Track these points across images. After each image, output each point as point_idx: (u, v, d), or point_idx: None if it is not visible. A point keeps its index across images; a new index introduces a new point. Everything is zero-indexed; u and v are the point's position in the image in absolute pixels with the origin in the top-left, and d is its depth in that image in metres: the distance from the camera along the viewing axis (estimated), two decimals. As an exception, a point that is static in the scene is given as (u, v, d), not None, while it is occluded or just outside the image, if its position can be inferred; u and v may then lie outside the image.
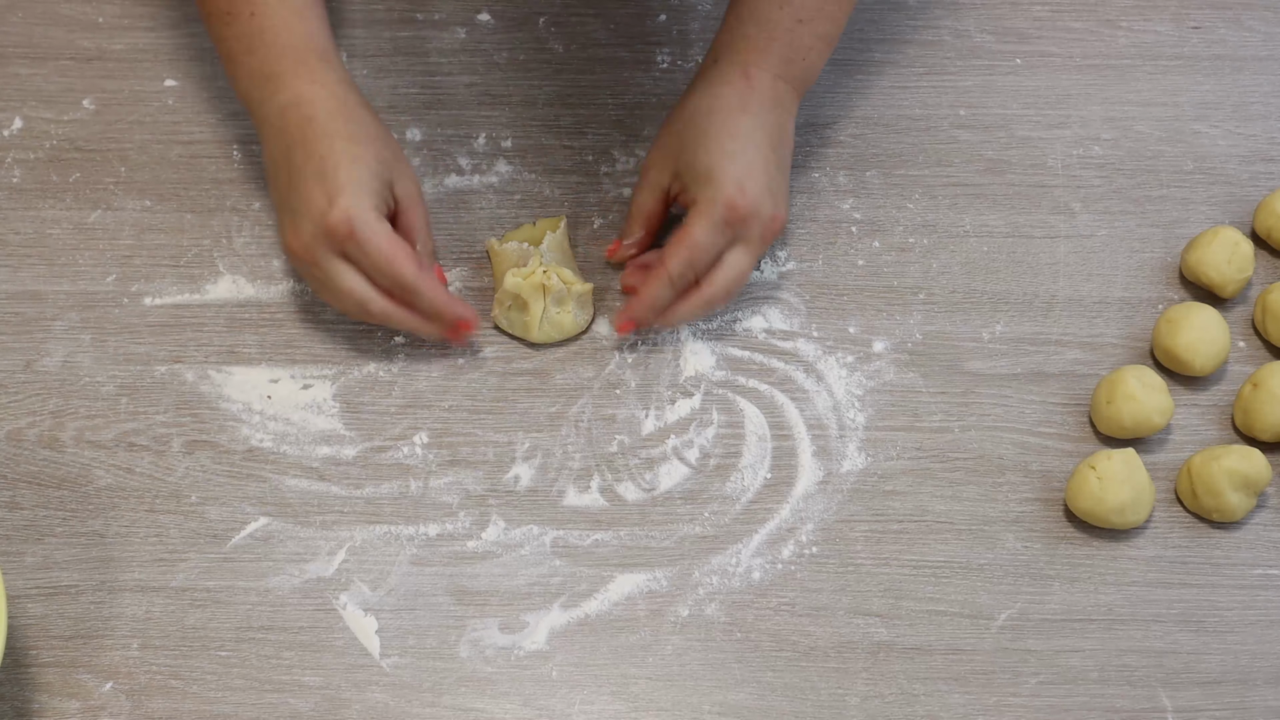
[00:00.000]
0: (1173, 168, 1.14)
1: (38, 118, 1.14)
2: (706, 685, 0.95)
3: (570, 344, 1.05)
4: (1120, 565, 0.99)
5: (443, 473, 1.01)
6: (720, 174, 0.98)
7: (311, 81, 0.99)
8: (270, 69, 0.99)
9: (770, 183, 0.99)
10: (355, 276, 0.97)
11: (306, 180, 0.96)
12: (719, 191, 0.98)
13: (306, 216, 0.95)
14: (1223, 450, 0.99)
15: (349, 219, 0.94)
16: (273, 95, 0.99)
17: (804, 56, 1.03)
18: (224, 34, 1.01)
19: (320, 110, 0.98)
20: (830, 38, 1.04)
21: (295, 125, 0.97)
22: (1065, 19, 1.21)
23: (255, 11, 0.99)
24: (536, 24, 1.19)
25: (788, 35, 1.02)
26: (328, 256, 0.96)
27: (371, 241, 0.95)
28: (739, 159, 0.98)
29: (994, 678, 0.95)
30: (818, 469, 1.01)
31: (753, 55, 1.02)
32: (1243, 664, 0.96)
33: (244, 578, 0.97)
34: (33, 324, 1.05)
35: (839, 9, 1.03)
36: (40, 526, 0.98)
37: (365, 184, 0.96)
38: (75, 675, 0.93)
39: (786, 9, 1.01)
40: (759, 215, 0.98)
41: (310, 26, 1.01)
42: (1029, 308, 1.08)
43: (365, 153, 0.97)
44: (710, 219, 0.98)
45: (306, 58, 0.99)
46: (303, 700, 0.93)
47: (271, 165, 0.99)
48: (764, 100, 1.01)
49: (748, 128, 1.00)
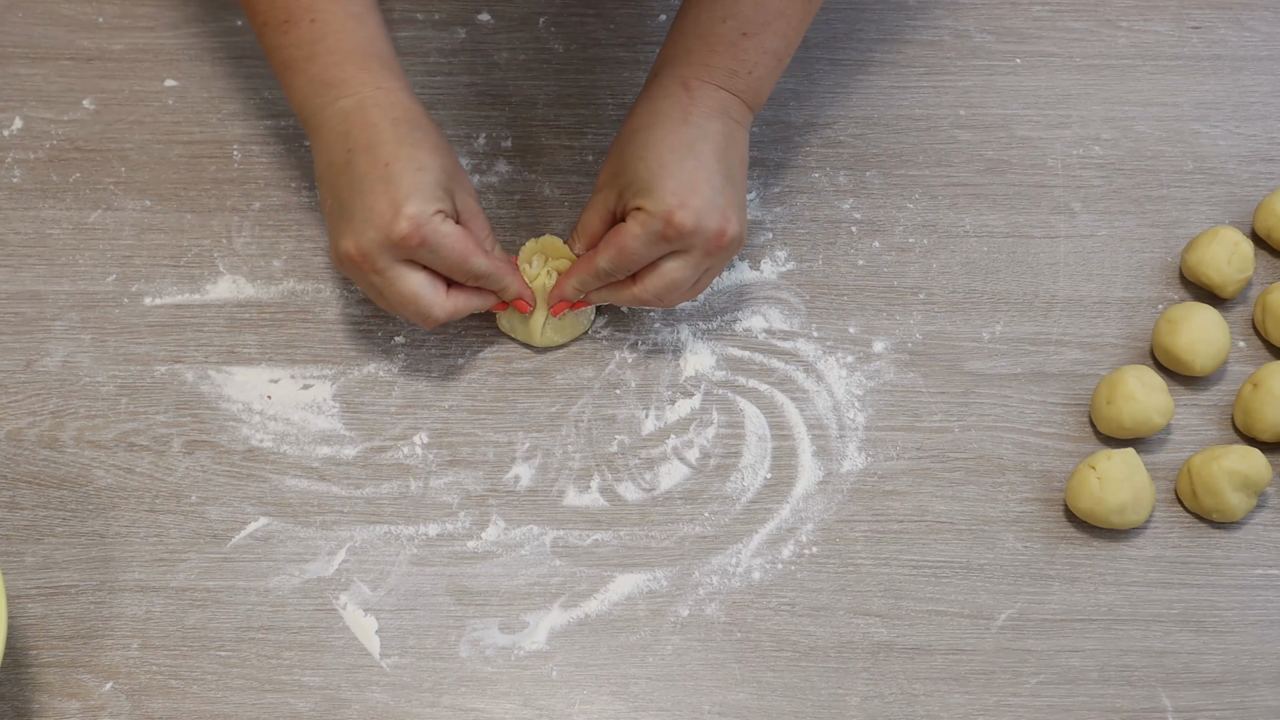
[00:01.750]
0: (1173, 168, 1.14)
1: (38, 118, 1.14)
2: (706, 685, 0.95)
3: (570, 344, 1.05)
4: (1120, 565, 0.99)
5: (443, 473, 1.01)
6: (659, 186, 0.95)
7: (376, 87, 0.97)
8: (331, 75, 0.97)
9: (715, 196, 0.96)
10: (420, 280, 0.96)
11: (372, 187, 0.94)
12: (658, 204, 0.95)
13: (370, 224, 0.93)
14: (1223, 450, 0.99)
15: (418, 226, 0.93)
16: (334, 101, 0.97)
17: (749, 70, 0.99)
18: (281, 42, 0.98)
19: (384, 117, 0.96)
20: (779, 53, 1.01)
21: (359, 130, 0.95)
22: (1065, 19, 1.21)
23: (316, 18, 0.97)
24: (536, 24, 1.19)
25: (730, 49, 0.99)
26: (391, 264, 0.95)
27: (443, 243, 0.94)
28: (679, 171, 0.95)
29: (994, 678, 0.95)
30: (818, 469, 1.01)
31: (693, 68, 0.99)
32: (1243, 664, 0.96)
33: (244, 578, 0.97)
34: (33, 324, 1.05)
35: (788, 25, 1.00)
36: (40, 526, 0.98)
37: (430, 191, 0.94)
38: (75, 675, 0.93)
39: (730, 22, 0.99)
40: (701, 231, 0.95)
41: (370, 31, 0.99)
42: (1029, 308, 1.08)
43: (430, 161, 0.95)
44: (646, 230, 0.95)
45: (368, 63, 0.98)
46: (303, 700, 0.93)
47: (329, 169, 0.97)
48: (706, 110, 0.98)
49: (689, 139, 0.97)
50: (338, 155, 0.96)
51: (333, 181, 0.97)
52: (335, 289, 1.07)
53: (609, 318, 1.06)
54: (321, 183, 0.98)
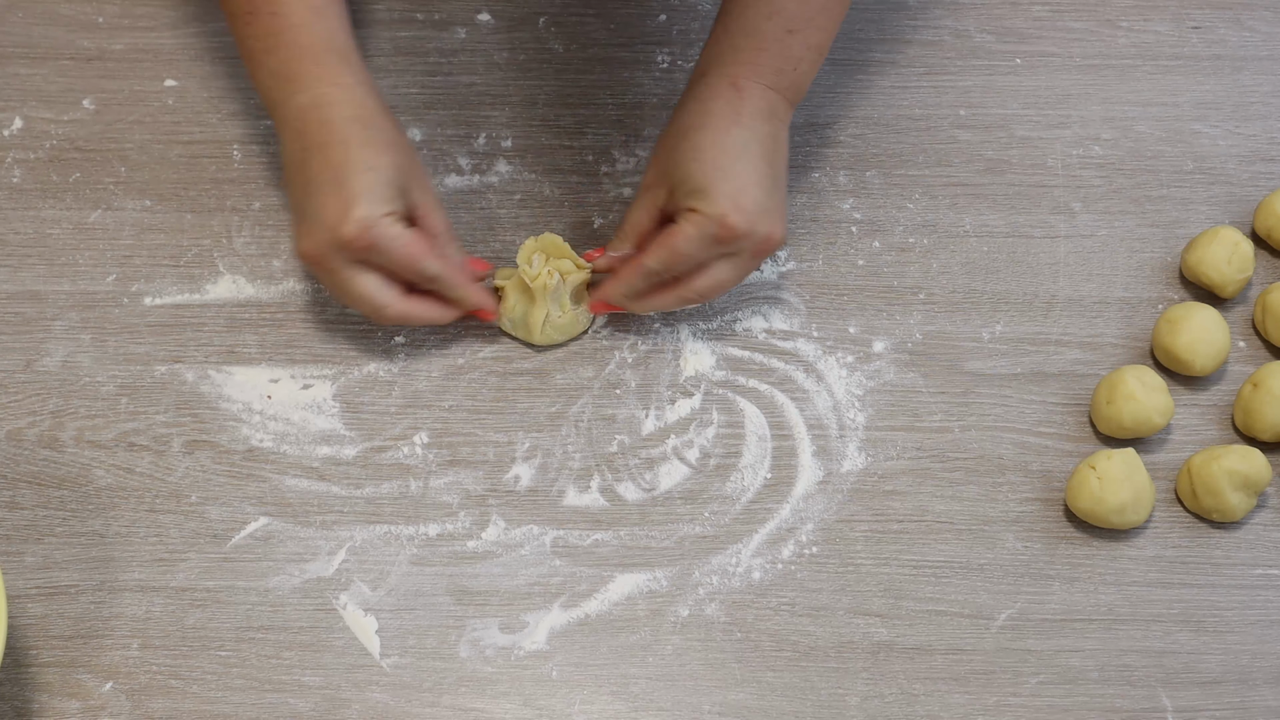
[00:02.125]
0: (1173, 168, 1.14)
1: (38, 118, 1.14)
2: (706, 685, 0.95)
3: (570, 344, 1.05)
4: (1120, 565, 0.99)
5: (443, 473, 1.01)
6: (714, 189, 0.96)
7: (331, 84, 0.98)
8: (290, 69, 0.98)
9: (766, 200, 0.97)
10: (371, 281, 0.97)
11: (322, 188, 0.95)
12: (713, 207, 0.96)
13: (320, 225, 0.95)
14: (1223, 450, 0.99)
15: (365, 228, 0.94)
16: (291, 96, 0.98)
17: (795, 67, 1.00)
18: (245, 33, 1.00)
19: (337, 115, 0.97)
20: (821, 48, 1.02)
21: (313, 128, 0.97)
22: (1065, 19, 1.21)
23: (276, 11, 0.98)
24: (536, 24, 1.19)
25: (777, 46, 1.00)
26: (342, 264, 0.96)
27: (391, 245, 0.95)
28: (733, 174, 0.96)
29: (994, 678, 0.95)
30: (818, 469, 1.01)
31: (741, 67, 1.00)
32: (1243, 664, 0.96)
33: (244, 578, 0.97)
34: (33, 324, 1.05)
35: (829, 19, 1.01)
36: (40, 526, 0.98)
37: (379, 192, 0.95)
38: (75, 675, 0.93)
39: (775, 19, 1.00)
40: (753, 235, 0.97)
41: (330, 25, 1.00)
42: (1029, 308, 1.08)
43: (381, 160, 0.96)
44: (701, 232, 0.96)
45: (325, 58, 0.99)
46: (303, 700, 0.93)
47: (289, 167, 0.98)
48: (756, 111, 0.99)
49: (742, 141, 0.98)
50: (295, 154, 0.97)
51: (291, 180, 0.98)
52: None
53: (609, 317, 1.06)
54: (284, 178, 1.00)
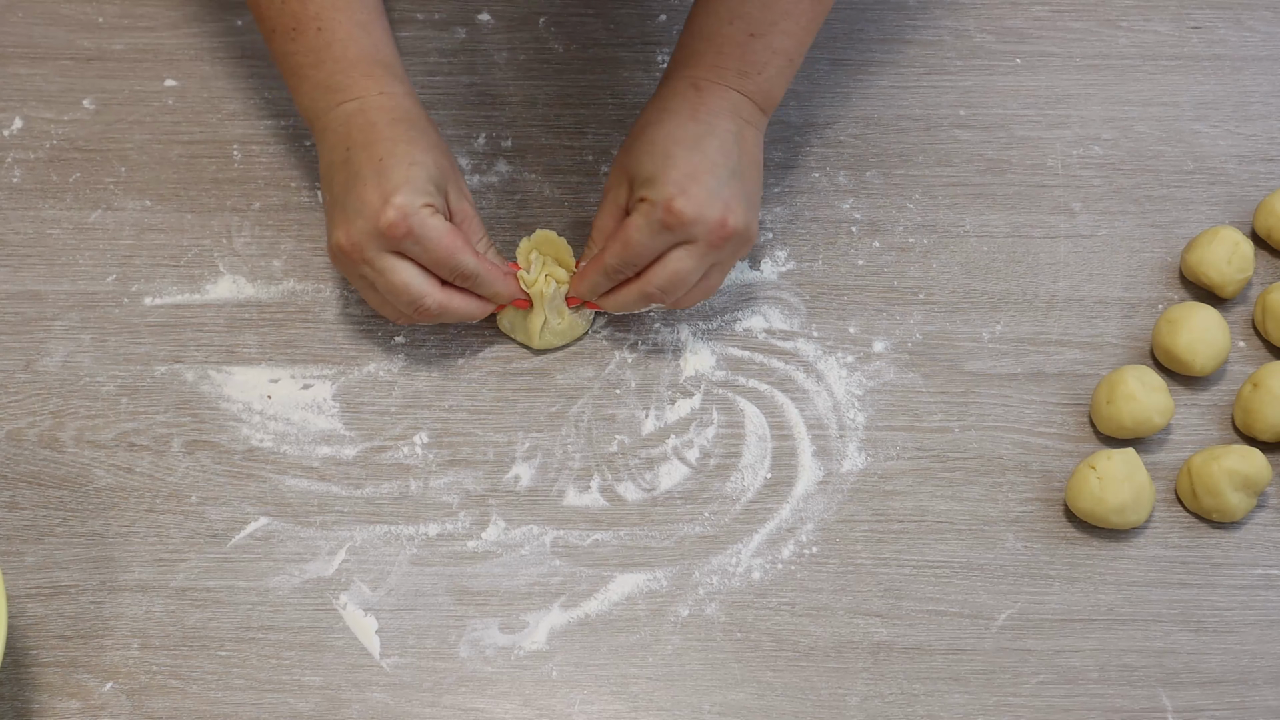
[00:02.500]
0: (1173, 168, 1.14)
1: (38, 118, 1.14)
2: (706, 685, 0.95)
3: (570, 344, 1.05)
4: (1120, 565, 0.99)
5: (443, 473, 1.01)
6: (662, 177, 0.96)
7: (379, 92, 0.99)
8: (336, 81, 0.99)
9: (719, 187, 0.96)
10: (411, 271, 0.97)
11: (364, 180, 0.95)
12: (659, 193, 0.96)
13: (360, 214, 0.95)
14: (1223, 450, 0.99)
15: (405, 216, 0.94)
16: (338, 105, 0.99)
17: (759, 70, 1.00)
18: (289, 49, 1.00)
19: (383, 117, 0.98)
20: (789, 53, 1.01)
21: (358, 129, 0.98)
22: (1065, 19, 1.21)
23: (322, 27, 0.99)
24: (536, 24, 1.19)
25: (738, 50, 1.00)
26: (380, 254, 0.96)
27: (430, 235, 0.95)
28: (682, 162, 0.96)
29: (994, 678, 0.95)
30: (818, 469, 1.01)
31: (702, 70, 1.00)
32: (1243, 664, 0.96)
33: (244, 578, 0.97)
34: (33, 324, 1.05)
35: (795, 24, 1.01)
36: (40, 526, 0.98)
37: (420, 183, 0.95)
38: (75, 675, 0.93)
39: (737, 23, 1.00)
40: (702, 219, 0.96)
41: (375, 39, 1.01)
42: (1029, 308, 1.08)
43: (424, 158, 0.97)
44: (648, 219, 0.96)
45: (372, 70, 1.00)
46: (303, 700, 0.93)
47: (328, 168, 0.99)
48: (715, 109, 0.99)
49: (694, 134, 0.98)
50: (338, 154, 0.98)
51: (331, 179, 0.98)
52: (335, 289, 1.07)
53: (609, 317, 1.06)
54: (323, 181, 1.00)
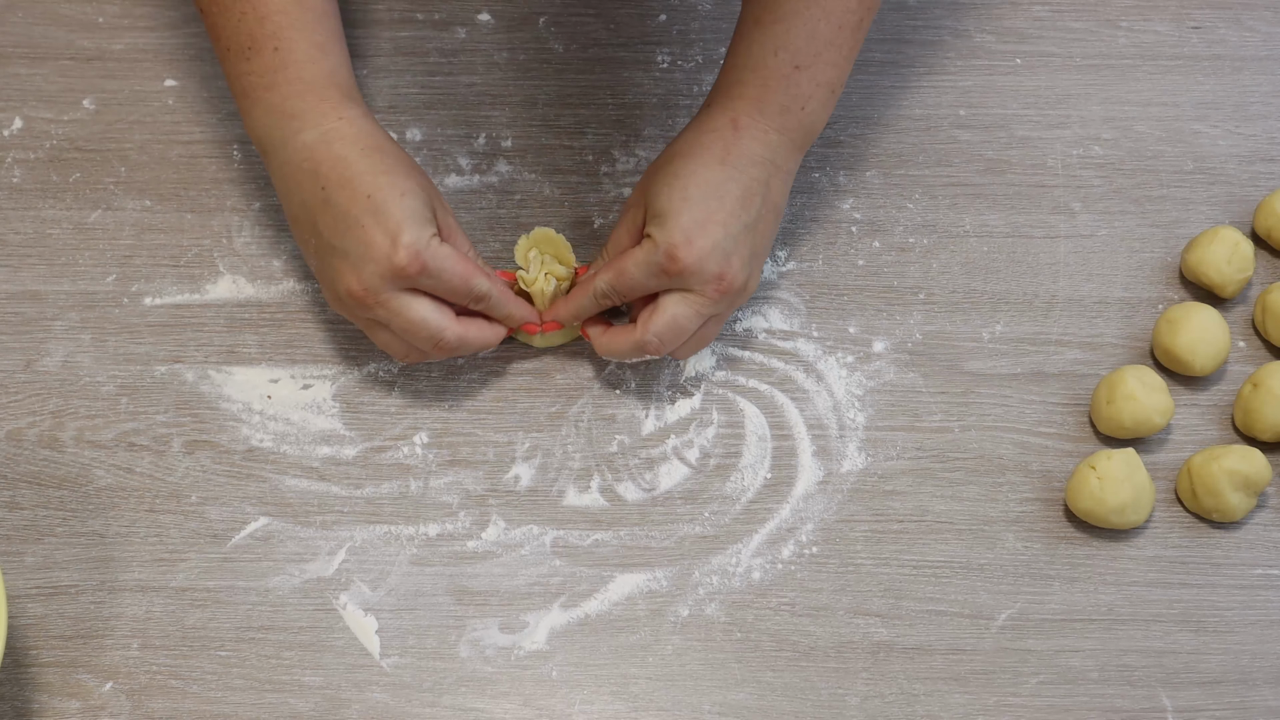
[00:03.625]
0: (1173, 168, 1.14)
1: (38, 118, 1.14)
2: (706, 685, 0.95)
3: (570, 344, 1.05)
4: (1120, 565, 0.99)
5: (443, 473, 1.01)
6: (674, 219, 0.95)
7: (338, 118, 0.96)
8: (292, 105, 0.96)
9: (726, 241, 0.95)
10: (426, 306, 0.95)
11: (359, 221, 0.93)
12: (665, 236, 0.94)
13: (368, 259, 0.93)
14: (1223, 450, 0.99)
15: (417, 254, 0.92)
16: (296, 133, 0.95)
17: (802, 105, 0.98)
18: (242, 69, 0.97)
19: (352, 148, 0.95)
20: (832, 85, 0.99)
21: (327, 165, 0.94)
22: (1065, 19, 1.21)
23: (279, 46, 0.96)
24: (536, 24, 1.19)
25: (783, 83, 0.97)
26: (395, 295, 0.94)
27: (444, 266, 0.94)
28: (696, 208, 0.95)
29: (994, 678, 0.95)
30: (818, 469, 1.01)
31: (745, 104, 0.97)
32: (1243, 664, 0.96)
33: (244, 578, 0.97)
34: (33, 324, 1.05)
35: (839, 55, 0.98)
36: (40, 526, 0.98)
37: (420, 214, 0.93)
38: (75, 675, 0.94)
39: (782, 54, 0.97)
40: (701, 273, 0.95)
41: (333, 62, 0.98)
42: (1029, 308, 1.08)
43: (410, 185, 0.94)
44: (648, 258, 0.95)
45: (329, 93, 0.96)
46: (303, 700, 0.93)
47: (304, 210, 0.95)
48: (748, 154, 0.97)
49: (718, 179, 0.96)
50: (311, 195, 0.94)
51: (311, 222, 0.95)
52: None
53: (609, 318, 1.07)
54: (296, 224, 0.97)
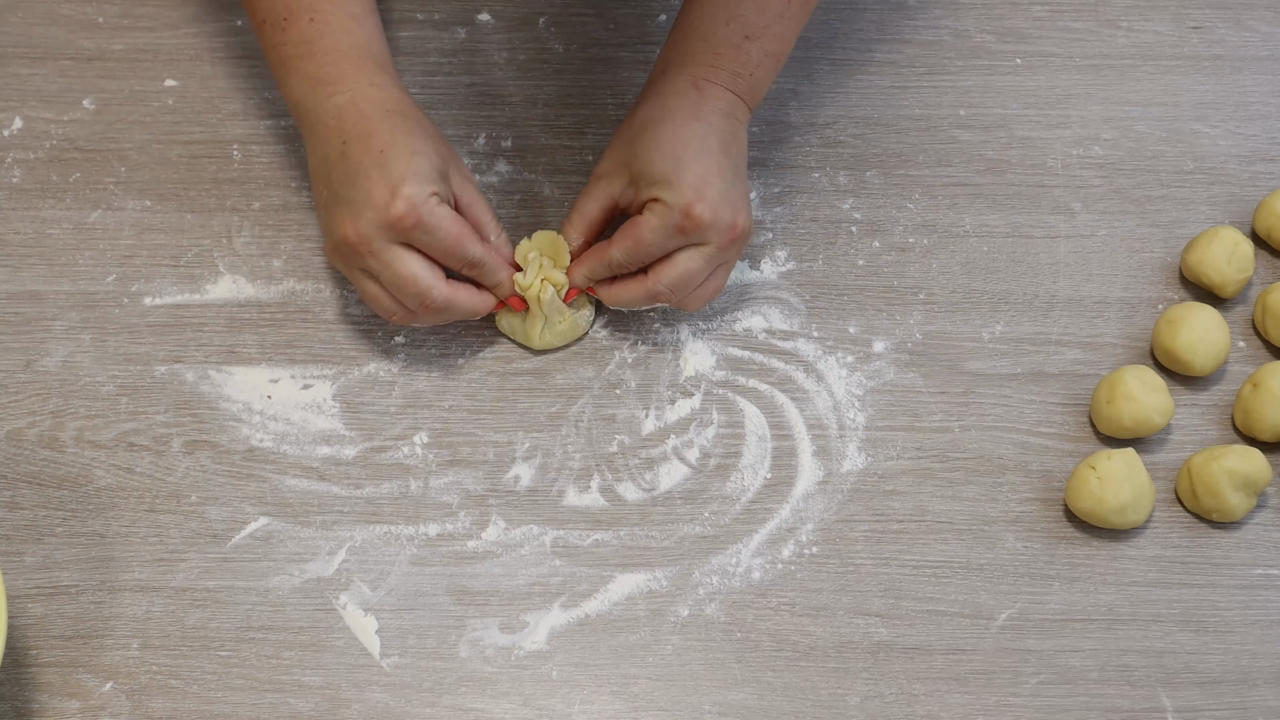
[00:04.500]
0: (1173, 168, 1.14)
1: (38, 118, 1.14)
2: (706, 685, 0.95)
3: (570, 345, 1.05)
4: (1120, 565, 0.99)
5: (443, 473, 1.01)
6: (677, 180, 0.97)
7: (370, 84, 0.99)
8: (326, 73, 0.99)
9: (727, 189, 0.98)
10: (418, 261, 0.96)
11: (367, 172, 0.95)
12: (677, 197, 0.96)
13: (367, 207, 0.95)
14: (1223, 450, 0.99)
15: (414, 207, 0.94)
16: (328, 97, 0.98)
17: (750, 72, 1.02)
18: (279, 40, 1.00)
19: (376, 109, 0.97)
20: (778, 55, 1.03)
21: (352, 122, 0.97)
22: (1065, 19, 1.21)
23: (315, 17, 0.99)
24: (536, 24, 1.19)
25: (734, 51, 1.01)
26: (387, 246, 0.95)
27: (439, 225, 0.95)
28: (694, 165, 0.97)
29: (994, 678, 0.95)
30: (818, 469, 1.01)
31: (699, 69, 1.01)
32: (1243, 664, 0.96)
33: (244, 578, 0.97)
34: (33, 324, 1.05)
35: (786, 27, 1.02)
36: (40, 526, 0.98)
37: (425, 173, 0.95)
38: (75, 675, 0.93)
39: (733, 25, 1.01)
40: (717, 224, 0.97)
41: (368, 33, 1.01)
42: (1029, 308, 1.08)
43: (425, 146, 0.97)
44: (665, 222, 0.97)
45: (363, 63, 0.99)
46: (303, 700, 0.93)
47: (323, 163, 0.98)
48: (715, 109, 1.00)
49: (700, 134, 0.99)
50: (332, 149, 0.97)
51: (326, 174, 0.98)
52: (335, 289, 1.07)
53: (609, 317, 1.07)
54: (315, 177, 0.99)
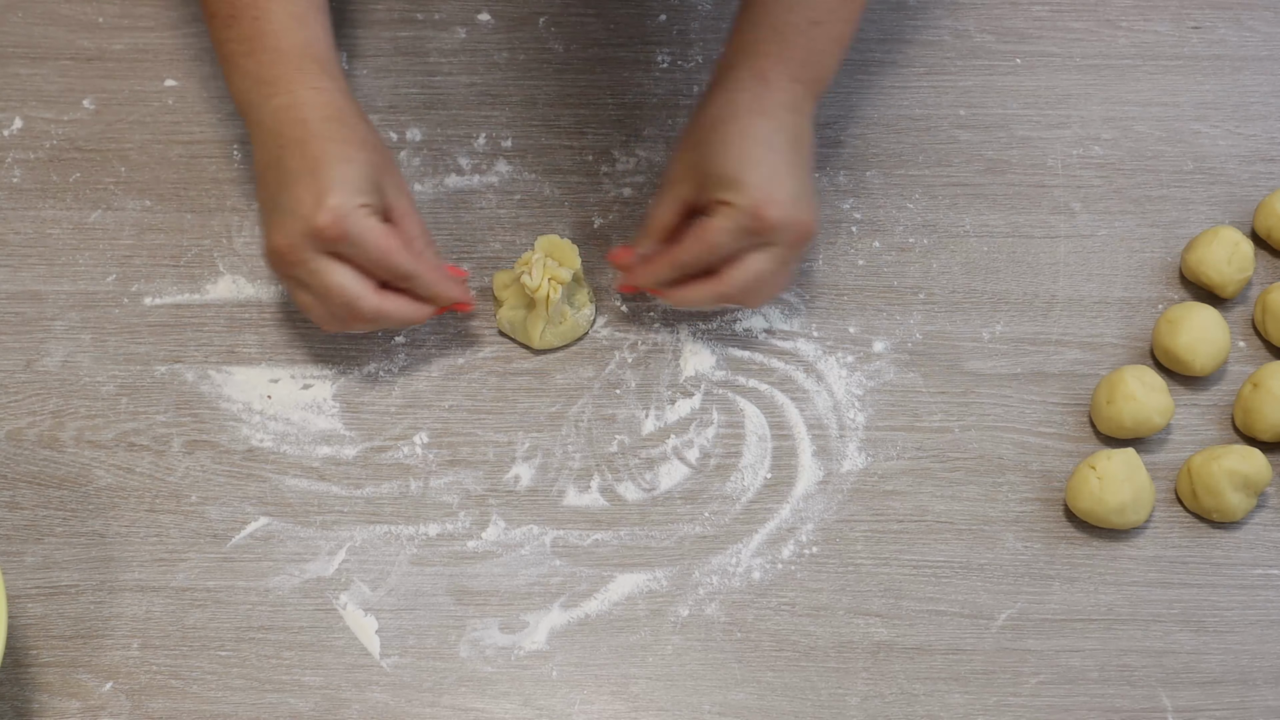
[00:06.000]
0: (1173, 168, 1.14)
1: (38, 118, 1.14)
2: (706, 685, 0.95)
3: (570, 344, 1.05)
4: (1120, 565, 0.99)
5: (443, 473, 1.01)
6: (746, 180, 0.96)
7: (309, 87, 0.98)
8: (267, 73, 0.98)
9: (796, 188, 0.97)
10: (346, 273, 0.96)
11: (297, 180, 0.95)
12: (746, 198, 0.95)
13: (294, 215, 0.94)
14: (1223, 450, 0.99)
15: (340, 217, 0.93)
16: (268, 99, 0.98)
17: (819, 59, 1.01)
18: (225, 36, 1.00)
19: (314, 114, 0.97)
20: (844, 39, 1.02)
21: (288, 127, 0.97)
22: (1065, 19, 1.21)
23: (258, 15, 0.99)
24: (536, 24, 1.19)
25: (802, 38, 1.00)
26: (315, 256, 0.95)
27: (364, 236, 0.94)
28: (763, 165, 0.96)
29: (994, 678, 0.95)
30: (818, 469, 1.01)
31: (768, 60, 1.00)
32: (1243, 664, 0.96)
33: (244, 578, 0.97)
34: (33, 324, 1.05)
35: (850, 10, 1.02)
36: (40, 526, 0.98)
37: (354, 183, 0.95)
38: (75, 675, 0.94)
39: (799, 11, 1.00)
40: (788, 224, 0.96)
41: (311, 33, 1.00)
42: (1029, 308, 1.08)
43: (358, 155, 0.96)
44: (735, 224, 0.96)
45: (305, 64, 0.99)
46: (303, 700, 0.93)
47: (262, 168, 0.98)
48: (781, 104, 0.99)
49: (768, 131, 0.98)
50: (269, 153, 0.97)
51: (264, 178, 0.98)
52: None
53: (609, 318, 1.07)
54: (258, 180, 0.99)
